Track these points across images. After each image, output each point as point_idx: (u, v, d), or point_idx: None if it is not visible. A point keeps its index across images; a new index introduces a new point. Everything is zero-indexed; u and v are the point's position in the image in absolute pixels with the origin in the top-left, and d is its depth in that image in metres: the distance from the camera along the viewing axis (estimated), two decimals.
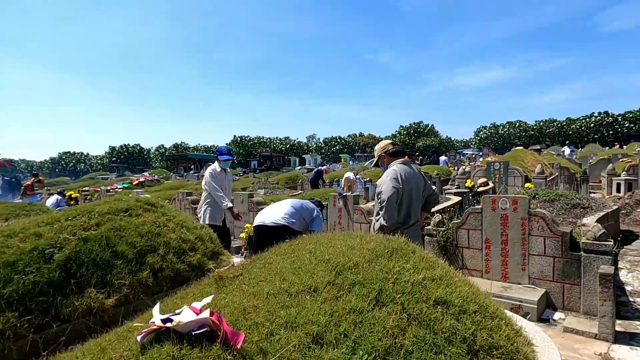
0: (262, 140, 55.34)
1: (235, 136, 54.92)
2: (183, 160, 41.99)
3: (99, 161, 62.28)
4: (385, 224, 3.09)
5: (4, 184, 17.36)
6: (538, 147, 25.25)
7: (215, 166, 5.04)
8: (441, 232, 4.55)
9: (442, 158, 22.42)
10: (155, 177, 16.49)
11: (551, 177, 10.54)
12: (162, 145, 62.44)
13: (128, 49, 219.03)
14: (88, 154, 69.40)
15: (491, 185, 8.50)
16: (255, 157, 46.50)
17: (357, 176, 16.51)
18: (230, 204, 4.87)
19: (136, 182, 14.50)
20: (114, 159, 57.71)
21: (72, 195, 13.17)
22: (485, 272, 4.23)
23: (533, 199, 5.55)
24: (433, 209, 5.76)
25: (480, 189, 8.21)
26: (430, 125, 55.56)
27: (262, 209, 4.62)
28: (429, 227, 4.71)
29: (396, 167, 3.21)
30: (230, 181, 5.20)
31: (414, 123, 55.51)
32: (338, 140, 58.27)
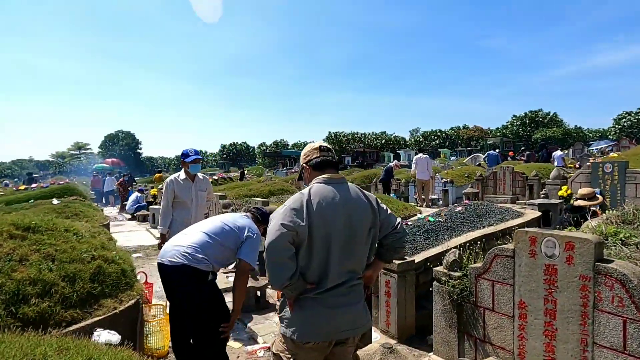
0: (356, 135, 54.35)
1: (330, 132, 55.14)
2: (279, 157, 43.78)
3: (213, 158, 69.29)
4: (272, 285, 1.86)
5: (131, 179, 20.10)
6: None
7: (179, 174, 4.26)
8: (454, 280, 2.98)
9: (557, 153, 15.98)
10: (227, 175, 16.99)
11: None
12: (264, 142, 66.46)
13: (235, 56, 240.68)
14: (205, 151, 77.91)
15: (600, 199, 5.69)
16: (349, 153, 46.03)
17: (437, 174, 14.42)
18: (164, 230, 4.03)
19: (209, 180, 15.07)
20: (224, 156, 63.49)
21: (151, 193, 14.21)
22: (518, 356, 2.56)
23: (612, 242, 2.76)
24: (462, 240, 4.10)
25: (581, 202, 5.59)
26: (551, 114, 47.38)
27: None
28: (439, 268, 3.16)
29: (311, 188, 1.93)
30: (203, 190, 4.36)
31: (531, 112, 48.01)
32: (438, 133, 53.89)
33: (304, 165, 2.07)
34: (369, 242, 1.98)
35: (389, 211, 2.08)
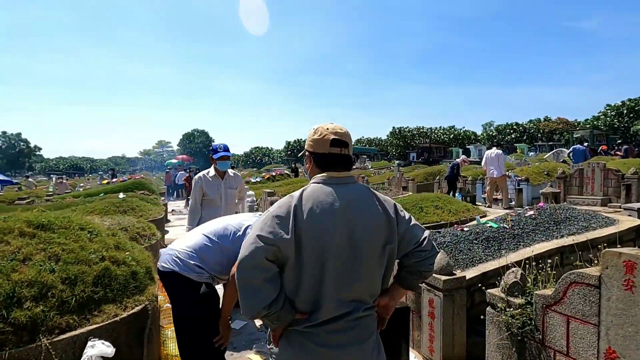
0: (422, 130, 51.81)
1: (393, 127, 53.26)
2: None
3: (278, 155, 71.29)
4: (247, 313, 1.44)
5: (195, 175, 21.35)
6: None
7: (208, 170, 4.05)
8: (514, 308, 2.32)
9: None
10: (284, 171, 17.01)
11: None
12: None
13: (304, 55, 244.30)
14: (272, 148, 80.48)
15: None
16: (414, 149, 44.07)
17: (509, 172, 12.90)
18: (191, 229, 3.79)
19: (268, 176, 15.22)
20: (289, 152, 64.91)
21: None
22: None
23: None
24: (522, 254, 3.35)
25: None
26: None
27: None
28: (494, 291, 2.50)
29: (305, 190, 1.49)
30: (233, 188, 4.11)
31: (630, 100, 41.74)
32: (514, 127, 49.28)
33: (308, 152, 1.59)
34: (384, 262, 1.48)
35: (413, 221, 1.55)
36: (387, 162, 39.14)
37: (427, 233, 1.55)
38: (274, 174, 15.86)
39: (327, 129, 1.55)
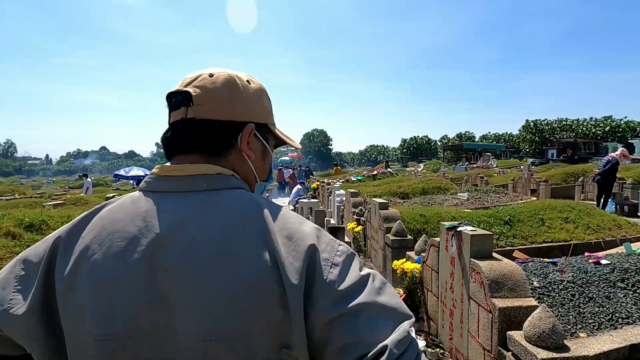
0: (564, 123, 43.49)
1: (527, 121, 45.95)
2: (460, 150, 39.62)
3: (394, 152, 69.48)
4: None
5: (300, 172, 22.06)
6: None
7: None
8: None
9: None
10: (386, 170, 15.77)
11: None
12: (446, 135, 61.84)
13: (423, 49, 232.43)
14: (388, 146, 79.07)
15: None
16: (554, 145, 37.19)
17: None
18: None
19: (368, 174, 14.33)
20: (404, 150, 62.56)
21: (312, 186, 14.56)
22: None
23: None
24: None
25: None
26: None
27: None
28: None
29: (103, 206, 0.69)
30: None
31: None
32: None
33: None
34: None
35: (372, 294, 0.59)
36: (517, 160, 33.98)
37: (403, 330, 0.57)
38: (375, 172, 14.89)
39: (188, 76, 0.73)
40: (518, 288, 2.08)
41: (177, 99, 0.69)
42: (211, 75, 0.69)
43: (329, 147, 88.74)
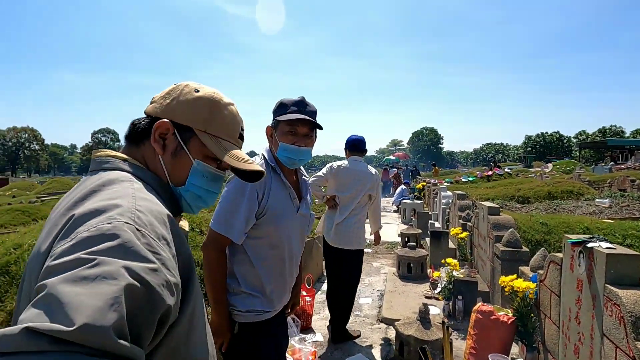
0: None
1: None
2: (603, 148, 33.33)
3: (515, 151, 62.31)
4: None
5: (406, 172, 21.45)
6: None
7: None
8: None
9: None
10: (502, 171, 13.89)
11: None
12: (583, 131, 52.61)
13: (549, 32, 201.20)
14: (508, 144, 71.45)
15: None
16: None
17: None
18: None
19: (481, 175, 12.90)
20: (529, 148, 55.49)
21: (417, 187, 13.85)
22: None
23: None
24: None
25: None
26: None
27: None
28: None
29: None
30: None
31: None
32: None
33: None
34: None
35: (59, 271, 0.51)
36: None
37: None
38: (489, 173, 13.41)
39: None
40: None
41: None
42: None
43: (440, 145, 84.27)
